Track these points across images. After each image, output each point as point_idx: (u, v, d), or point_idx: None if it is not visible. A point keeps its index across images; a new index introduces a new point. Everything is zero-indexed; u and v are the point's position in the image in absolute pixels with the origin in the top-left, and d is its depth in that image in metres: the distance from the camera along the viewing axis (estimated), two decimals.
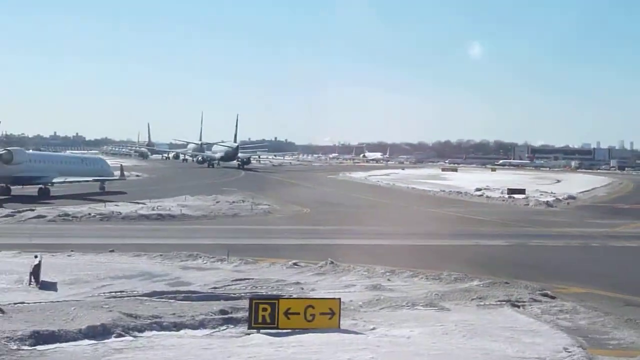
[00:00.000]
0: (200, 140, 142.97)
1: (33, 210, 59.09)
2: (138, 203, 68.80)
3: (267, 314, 21.17)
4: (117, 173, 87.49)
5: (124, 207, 64.54)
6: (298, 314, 21.54)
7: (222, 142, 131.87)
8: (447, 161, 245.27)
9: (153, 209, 62.52)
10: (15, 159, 74.54)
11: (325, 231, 55.21)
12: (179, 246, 40.94)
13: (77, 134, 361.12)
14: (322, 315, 21.73)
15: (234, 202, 74.38)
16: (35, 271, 29.11)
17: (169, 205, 66.73)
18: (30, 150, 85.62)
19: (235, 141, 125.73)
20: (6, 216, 56.11)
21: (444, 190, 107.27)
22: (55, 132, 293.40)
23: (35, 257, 31.22)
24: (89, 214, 59.31)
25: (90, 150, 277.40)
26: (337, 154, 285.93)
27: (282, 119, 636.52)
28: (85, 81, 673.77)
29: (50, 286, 28.83)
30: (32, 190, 75.94)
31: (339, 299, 22.82)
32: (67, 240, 43.30)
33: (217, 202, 73.28)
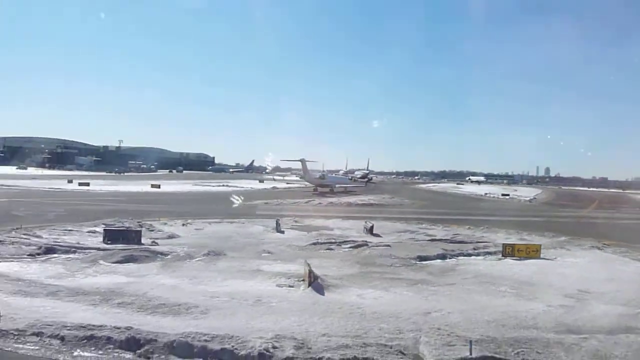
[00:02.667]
0: (346, 168, 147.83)
1: (313, 200, 60.34)
2: (353, 196, 69.66)
3: (509, 250, 24.54)
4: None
5: (347, 199, 64.44)
6: (522, 250, 24.62)
7: (359, 169, 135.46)
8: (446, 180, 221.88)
9: (364, 201, 61.50)
10: (325, 177, 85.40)
11: (450, 212, 51.02)
12: (401, 218, 41.11)
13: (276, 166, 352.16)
14: (533, 252, 24.66)
15: (389, 198, 68.54)
16: (371, 228, 31.93)
17: (368, 198, 65.43)
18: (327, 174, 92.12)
19: (367, 169, 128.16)
20: (305, 203, 56.30)
21: (473, 194, 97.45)
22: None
23: (365, 222, 33.74)
24: (338, 202, 59.70)
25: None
26: (395, 175, 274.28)
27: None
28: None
29: (379, 235, 30.68)
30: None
31: (540, 245, 25.75)
32: (342, 214, 42.98)
33: (383, 197, 68.27)
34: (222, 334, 10.92)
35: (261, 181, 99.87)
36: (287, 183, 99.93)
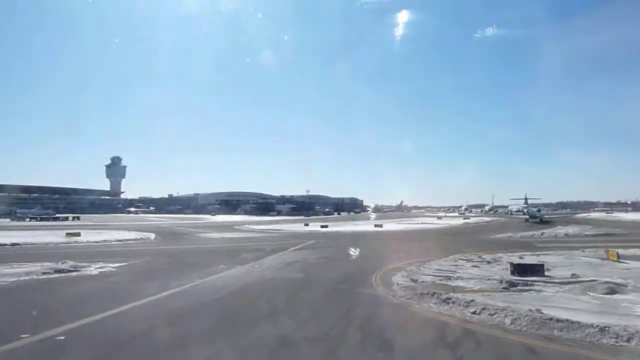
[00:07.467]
0: (492, 203, 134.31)
1: (544, 231, 52.22)
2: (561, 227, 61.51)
3: None
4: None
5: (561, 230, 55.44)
6: None
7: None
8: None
9: (591, 231, 52.54)
10: (540, 210, 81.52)
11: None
12: None
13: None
14: None
15: (594, 227, 57.86)
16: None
17: (580, 228, 56.55)
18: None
19: (525, 203, 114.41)
20: (541, 234, 49.69)
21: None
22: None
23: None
24: (567, 232, 51.43)
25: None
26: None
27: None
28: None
29: None
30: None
31: None
32: (607, 244, 34.60)
33: (590, 227, 57.89)
34: None
35: (439, 217, 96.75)
36: (464, 218, 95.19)
